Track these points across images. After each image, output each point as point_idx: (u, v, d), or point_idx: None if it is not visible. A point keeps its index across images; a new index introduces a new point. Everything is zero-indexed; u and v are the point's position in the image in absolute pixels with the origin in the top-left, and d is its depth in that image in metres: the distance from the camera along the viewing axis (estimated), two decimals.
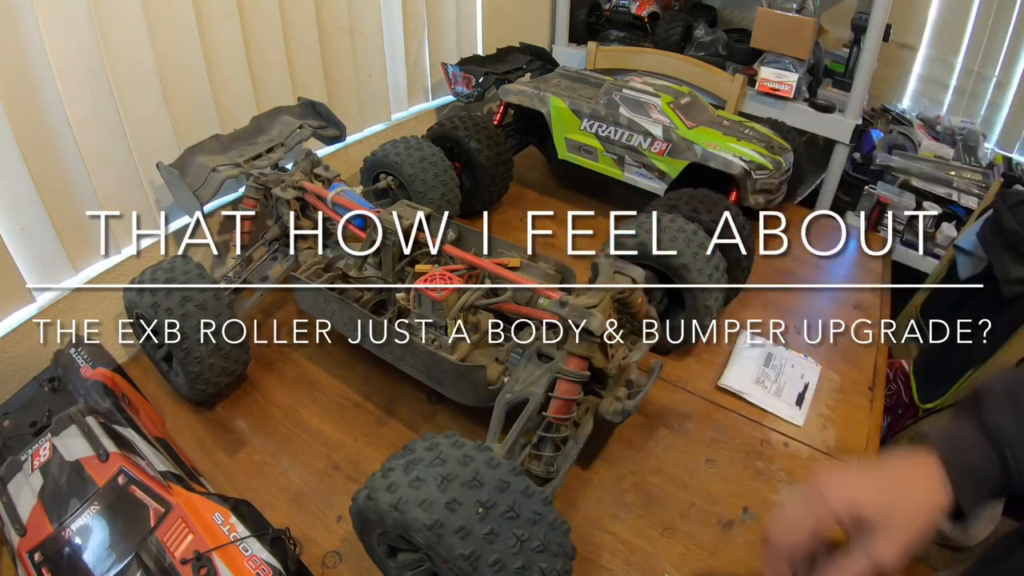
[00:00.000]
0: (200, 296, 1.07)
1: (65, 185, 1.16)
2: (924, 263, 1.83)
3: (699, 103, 1.63)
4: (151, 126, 1.28)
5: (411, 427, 1.16)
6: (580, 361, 0.90)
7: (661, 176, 1.59)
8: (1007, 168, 1.89)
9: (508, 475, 0.72)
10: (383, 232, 1.15)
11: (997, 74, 2.09)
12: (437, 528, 0.66)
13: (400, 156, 1.50)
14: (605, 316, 0.89)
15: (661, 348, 1.27)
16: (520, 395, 0.92)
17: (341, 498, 1.02)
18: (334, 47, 1.65)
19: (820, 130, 1.90)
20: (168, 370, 1.18)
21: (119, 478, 0.87)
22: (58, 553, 0.82)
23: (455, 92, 1.98)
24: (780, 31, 1.85)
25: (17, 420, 1.07)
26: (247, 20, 1.39)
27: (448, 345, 1.01)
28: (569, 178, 1.98)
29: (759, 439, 1.12)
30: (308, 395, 1.23)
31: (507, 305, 1.04)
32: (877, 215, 1.84)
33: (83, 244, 1.23)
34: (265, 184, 1.31)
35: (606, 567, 0.93)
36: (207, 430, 1.16)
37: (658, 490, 1.03)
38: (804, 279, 1.57)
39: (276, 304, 1.46)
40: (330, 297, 1.11)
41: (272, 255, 1.34)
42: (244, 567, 0.79)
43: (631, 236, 1.17)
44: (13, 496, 0.89)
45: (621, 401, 0.97)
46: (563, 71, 1.92)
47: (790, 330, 1.39)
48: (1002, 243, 1.48)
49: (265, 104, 1.50)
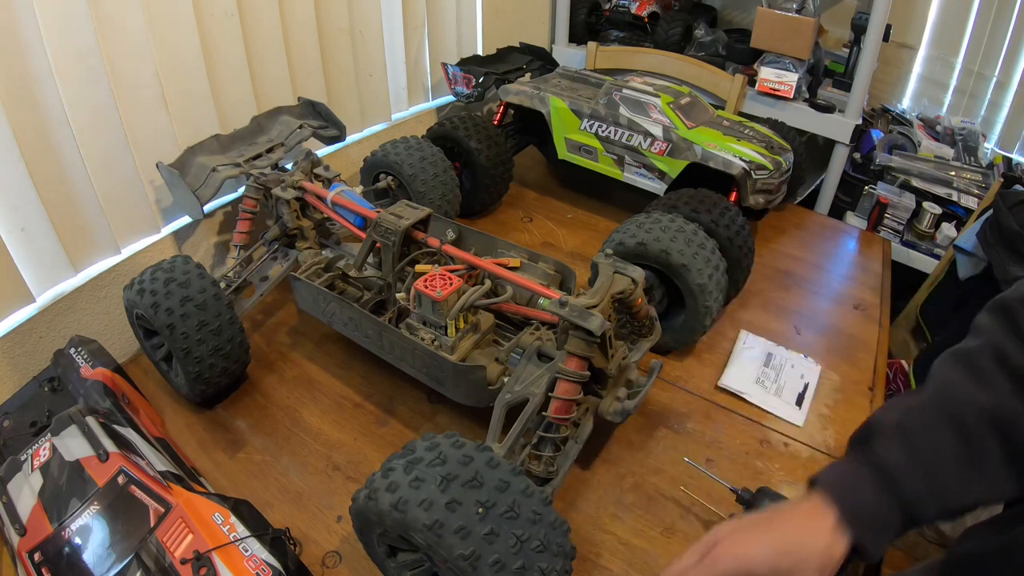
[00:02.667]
0: (200, 296, 1.07)
1: (65, 185, 1.16)
2: (924, 263, 1.84)
3: (699, 103, 1.63)
4: (151, 126, 1.28)
5: (411, 427, 1.16)
6: (580, 361, 0.90)
7: (661, 176, 1.59)
8: (1007, 168, 1.89)
9: (508, 475, 0.72)
10: (383, 232, 1.14)
11: (997, 74, 2.09)
12: (437, 528, 0.66)
13: (400, 156, 1.50)
14: (605, 316, 0.89)
15: (661, 348, 1.27)
16: (520, 395, 0.92)
17: (341, 498, 1.02)
18: (334, 47, 1.65)
19: (820, 130, 1.90)
20: (168, 370, 1.18)
21: (119, 478, 0.87)
22: (58, 553, 0.82)
23: (455, 92, 1.98)
24: (780, 31, 1.86)
25: (17, 420, 1.08)
26: (247, 20, 1.39)
27: (448, 345, 1.01)
28: (569, 178, 1.98)
29: (759, 439, 1.13)
30: (308, 395, 1.23)
31: (507, 305, 1.04)
32: (877, 215, 1.85)
33: (83, 244, 1.23)
34: (265, 184, 1.31)
35: (606, 567, 0.93)
36: (207, 430, 1.16)
37: (658, 490, 1.03)
38: (804, 279, 1.57)
39: (276, 304, 1.46)
40: (330, 297, 1.11)
41: (272, 255, 1.34)
42: (244, 567, 0.79)
43: (631, 236, 1.17)
44: (13, 496, 0.89)
45: (621, 401, 0.97)
46: (563, 71, 1.92)
47: (790, 330, 1.40)
48: (1002, 243, 1.48)
49: (265, 104, 1.50)
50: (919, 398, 0.61)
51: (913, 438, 0.59)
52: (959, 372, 0.60)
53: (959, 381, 0.59)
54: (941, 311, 1.80)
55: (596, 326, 0.86)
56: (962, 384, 0.59)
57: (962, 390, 0.59)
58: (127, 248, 1.33)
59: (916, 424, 0.59)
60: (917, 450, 0.58)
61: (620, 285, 0.96)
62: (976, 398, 0.57)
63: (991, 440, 0.56)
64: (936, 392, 0.61)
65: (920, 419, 0.59)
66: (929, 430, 0.58)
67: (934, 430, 0.58)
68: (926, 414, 0.59)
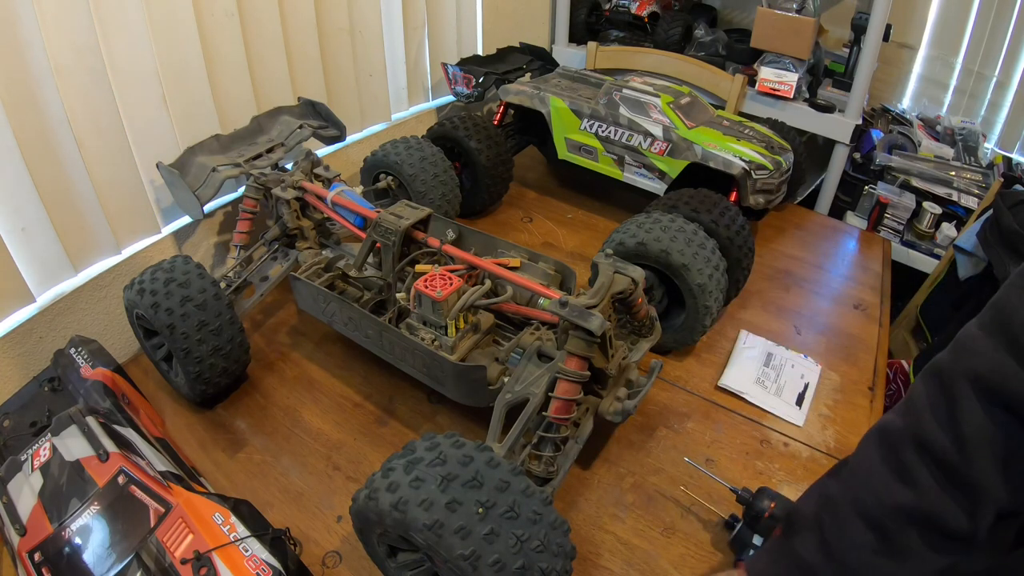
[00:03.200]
0: (200, 296, 1.07)
1: (65, 185, 1.16)
2: (924, 263, 1.84)
3: (699, 103, 1.63)
4: (151, 126, 1.28)
5: (411, 427, 1.16)
6: (580, 361, 0.90)
7: (661, 176, 1.59)
8: (1007, 168, 1.89)
9: (508, 475, 0.72)
10: (383, 232, 1.14)
11: (997, 74, 2.09)
12: (437, 528, 0.66)
13: (400, 156, 1.50)
14: (605, 316, 0.89)
15: (661, 348, 1.27)
16: (520, 395, 0.92)
17: (341, 498, 1.02)
18: (334, 47, 1.65)
19: (820, 130, 1.90)
20: (168, 370, 1.18)
21: (119, 478, 0.87)
22: (58, 553, 0.82)
23: (455, 92, 1.98)
24: (780, 31, 1.85)
25: (17, 420, 1.08)
26: (247, 20, 1.39)
27: (448, 345, 1.01)
28: (569, 178, 1.98)
29: (759, 439, 1.13)
30: (308, 395, 1.23)
31: (507, 305, 1.04)
32: (877, 215, 1.85)
33: (83, 244, 1.23)
34: (265, 184, 1.31)
35: (606, 567, 0.93)
36: (207, 430, 1.16)
37: (658, 490, 1.03)
38: (804, 279, 1.57)
39: (276, 304, 1.46)
40: (330, 297, 1.11)
41: (272, 255, 1.34)
42: (244, 567, 0.79)
43: (631, 236, 1.17)
44: (13, 496, 0.89)
45: (621, 401, 0.97)
46: (563, 71, 1.92)
47: (790, 330, 1.40)
48: (1002, 243, 1.48)
49: (265, 104, 1.50)
50: (840, 489, 0.62)
51: (831, 537, 0.60)
52: (882, 466, 0.59)
53: (880, 475, 0.58)
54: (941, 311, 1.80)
55: (596, 326, 0.86)
56: (882, 480, 0.58)
57: (882, 487, 0.58)
58: (127, 248, 1.33)
59: (834, 523, 0.60)
60: (833, 548, 0.59)
61: (620, 285, 0.96)
62: (897, 498, 0.56)
63: (913, 536, 0.56)
64: (856, 484, 0.61)
65: (838, 516, 0.60)
66: (846, 528, 0.59)
67: (851, 528, 0.59)
68: (844, 511, 0.60)
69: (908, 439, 0.57)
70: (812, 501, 0.64)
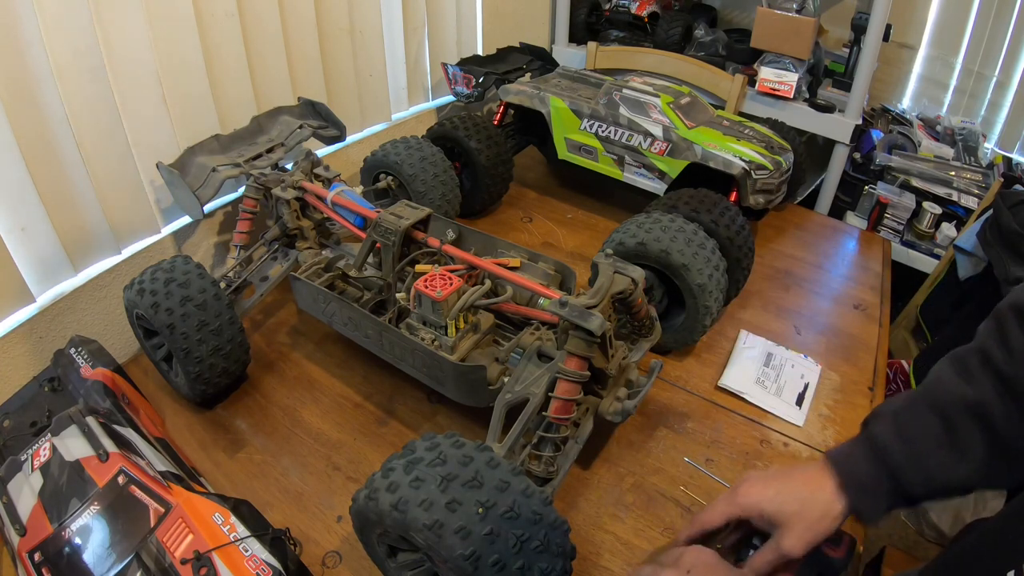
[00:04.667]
0: (200, 296, 1.07)
1: (65, 185, 1.16)
2: (924, 263, 1.84)
3: (699, 103, 1.63)
4: (151, 126, 1.28)
5: (411, 427, 1.16)
6: (580, 361, 0.90)
7: (661, 176, 1.59)
8: (1007, 168, 1.89)
9: (508, 475, 0.72)
10: (383, 232, 1.15)
11: (997, 74, 2.09)
12: (437, 528, 0.66)
13: (400, 156, 1.50)
14: (605, 316, 0.89)
15: (661, 348, 1.27)
16: (520, 395, 0.92)
17: (341, 498, 1.02)
18: (334, 47, 1.65)
19: (820, 130, 1.90)
20: (168, 370, 1.18)
21: (119, 478, 0.87)
22: (58, 553, 0.82)
23: (455, 92, 1.98)
24: (780, 31, 1.86)
25: (17, 420, 1.07)
26: (247, 20, 1.39)
27: (448, 345, 1.01)
28: (569, 178, 1.98)
29: (759, 439, 1.13)
30: (308, 395, 1.23)
31: (507, 305, 1.04)
32: (877, 215, 1.85)
33: (83, 244, 1.23)
34: (265, 184, 1.31)
35: (606, 567, 0.93)
36: (207, 430, 1.16)
37: (658, 490, 1.03)
38: (804, 279, 1.57)
39: (276, 304, 1.46)
40: (330, 297, 1.11)
41: (272, 255, 1.34)
42: (244, 567, 0.79)
43: (631, 236, 1.17)
44: (13, 496, 0.89)
45: (621, 401, 0.97)
46: (563, 71, 1.92)
47: (790, 330, 1.40)
48: (1002, 243, 1.49)
49: (265, 104, 1.50)
50: (918, 391, 0.73)
51: (903, 422, 0.70)
52: (951, 369, 0.70)
53: (949, 377, 0.70)
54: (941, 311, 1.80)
55: (596, 326, 0.86)
56: (951, 380, 0.69)
57: (950, 384, 0.69)
58: (127, 248, 1.33)
59: (908, 411, 0.71)
60: (905, 431, 0.69)
61: (620, 285, 0.96)
62: (961, 392, 0.67)
63: (972, 429, 0.66)
64: (930, 385, 0.72)
65: (912, 407, 0.71)
66: (917, 416, 0.70)
67: (922, 416, 0.69)
68: (917, 403, 0.71)
69: (974, 351, 0.69)
70: (892, 401, 0.74)
